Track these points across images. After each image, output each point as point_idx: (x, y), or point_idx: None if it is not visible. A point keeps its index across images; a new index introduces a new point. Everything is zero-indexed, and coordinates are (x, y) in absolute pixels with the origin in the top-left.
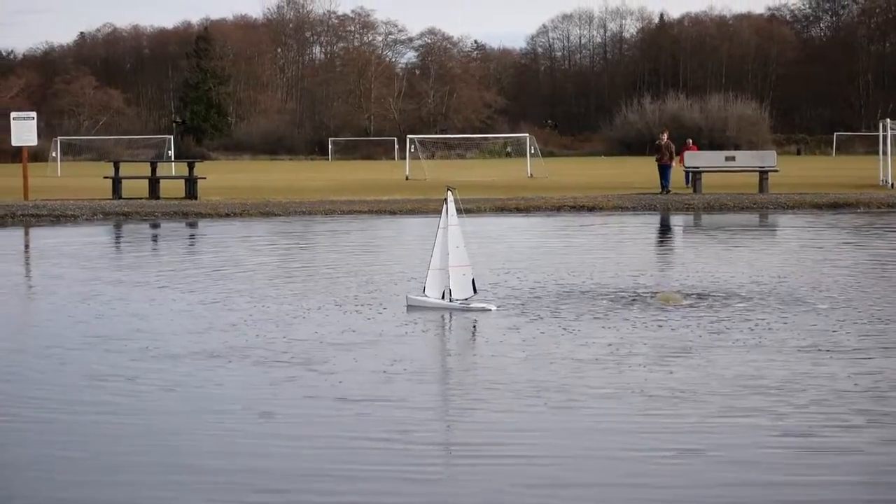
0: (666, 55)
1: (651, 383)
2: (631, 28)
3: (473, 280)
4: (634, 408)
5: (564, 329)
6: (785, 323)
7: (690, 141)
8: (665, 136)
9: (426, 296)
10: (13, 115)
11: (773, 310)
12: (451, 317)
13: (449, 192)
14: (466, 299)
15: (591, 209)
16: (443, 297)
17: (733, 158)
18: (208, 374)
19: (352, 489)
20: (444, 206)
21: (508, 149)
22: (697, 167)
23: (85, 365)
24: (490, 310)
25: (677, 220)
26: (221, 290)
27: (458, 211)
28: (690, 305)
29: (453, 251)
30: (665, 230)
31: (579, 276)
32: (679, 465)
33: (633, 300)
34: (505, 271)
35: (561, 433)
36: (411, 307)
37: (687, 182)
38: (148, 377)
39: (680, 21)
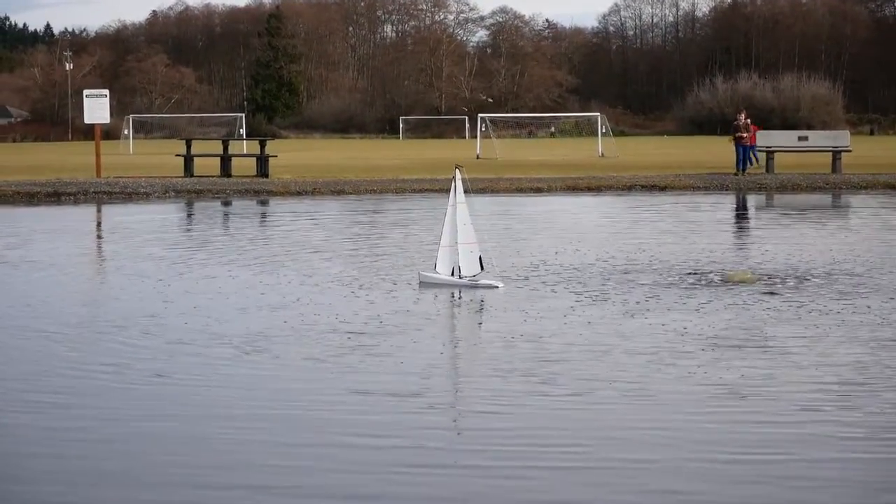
0: (738, 34)
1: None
2: (703, 7)
3: (480, 257)
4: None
5: (645, 309)
6: (869, 308)
7: (749, 121)
8: (743, 116)
9: (437, 272)
10: (86, 92)
11: (844, 293)
12: (459, 294)
13: (457, 171)
14: (475, 276)
15: (663, 189)
16: (452, 274)
17: (806, 138)
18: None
19: None
20: (453, 184)
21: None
22: (770, 147)
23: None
24: (497, 287)
25: (750, 200)
26: (289, 268)
27: (466, 190)
28: (764, 285)
29: (461, 228)
30: (738, 210)
31: (648, 255)
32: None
33: (705, 280)
34: (575, 249)
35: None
36: (423, 284)
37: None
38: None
39: (752, 0)
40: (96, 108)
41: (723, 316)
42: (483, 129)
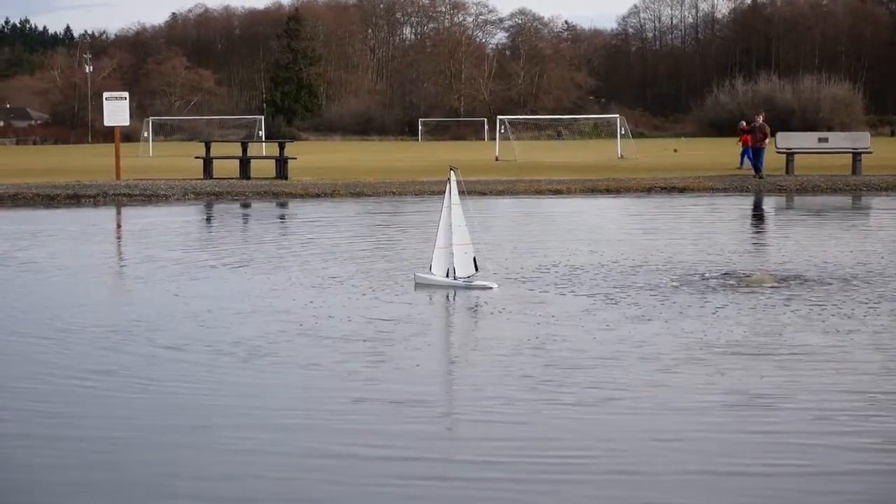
0: (758, 36)
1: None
2: (723, 8)
3: (475, 258)
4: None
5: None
6: (892, 311)
7: (744, 123)
8: (761, 118)
9: (432, 273)
10: (106, 95)
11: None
12: (454, 294)
13: (452, 173)
14: (469, 277)
15: (682, 190)
16: (447, 275)
17: (826, 140)
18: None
19: None
20: (448, 185)
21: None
22: (790, 149)
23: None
24: (491, 288)
25: (769, 202)
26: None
27: (461, 192)
28: (782, 287)
29: (456, 230)
30: (757, 212)
31: (665, 257)
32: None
33: (724, 283)
34: (592, 251)
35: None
36: (419, 285)
37: (742, 164)
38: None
39: (772, 1)
40: (116, 110)
41: (741, 320)
42: (502, 131)
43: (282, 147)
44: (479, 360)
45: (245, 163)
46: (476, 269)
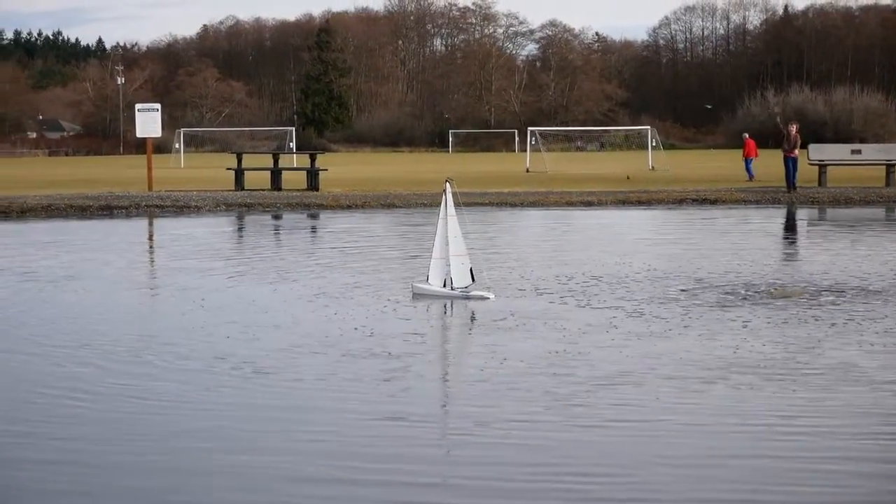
0: (790, 47)
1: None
2: (754, 20)
3: (472, 269)
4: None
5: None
6: None
7: (747, 135)
8: (794, 128)
9: (429, 284)
10: (138, 106)
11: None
12: (452, 304)
13: (447, 184)
14: (466, 287)
15: (714, 202)
16: (444, 286)
17: (859, 152)
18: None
19: None
20: (444, 197)
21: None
22: (823, 160)
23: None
24: (488, 298)
25: (802, 214)
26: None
27: (457, 203)
28: (815, 300)
29: (452, 241)
30: (790, 224)
31: (695, 268)
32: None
33: (755, 295)
34: (623, 263)
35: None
36: (416, 295)
37: (749, 176)
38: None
39: (804, 12)
40: (148, 121)
41: (773, 334)
42: (532, 142)
43: (313, 158)
44: (490, 375)
45: (276, 174)
46: (473, 279)
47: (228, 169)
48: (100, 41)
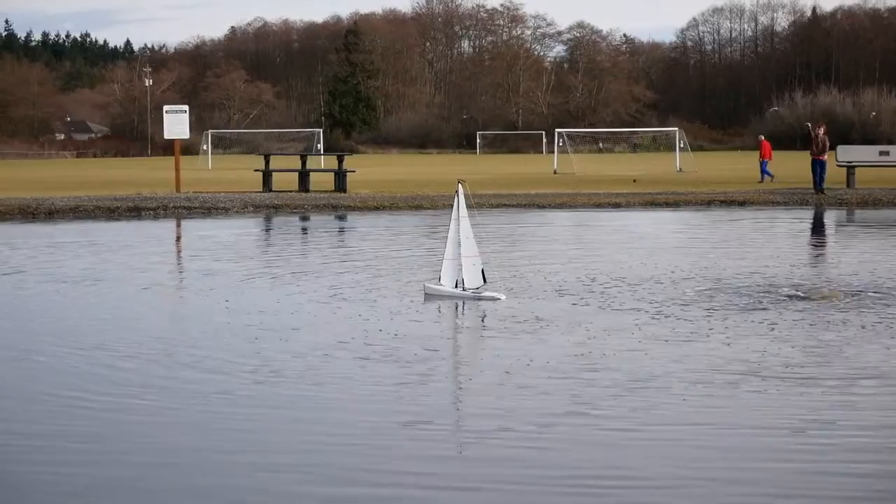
0: (818, 49)
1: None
2: (782, 21)
3: (483, 270)
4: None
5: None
6: None
7: (763, 137)
8: (822, 130)
9: (441, 285)
10: (166, 108)
11: None
12: (467, 305)
13: (459, 185)
14: (478, 288)
15: (742, 204)
16: (456, 286)
17: (887, 153)
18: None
19: None
20: (456, 198)
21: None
22: (851, 162)
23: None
24: (499, 299)
25: (831, 216)
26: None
27: (469, 205)
28: (845, 302)
29: (464, 242)
30: (818, 225)
31: (723, 270)
32: None
33: (784, 298)
34: (648, 265)
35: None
36: (428, 296)
37: (763, 178)
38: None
39: (832, 14)
40: (176, 123)
41: (802, 336)
42: (560, 144)
43: (340, 160)
44: (512, 378)
45: (304, 176)
46: (484, 280)
47: (256, 170)
48: (128, 43)
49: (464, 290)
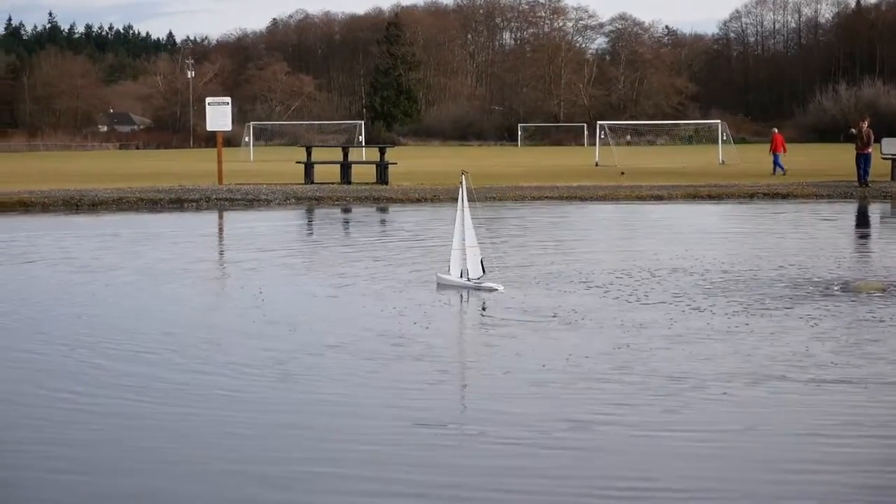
0: (862, 40)
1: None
2: (826, 13)
3: (482, 260)
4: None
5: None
6: None
7: (776, 130)
8: (865, 124)
9: (450, 274)
10: (208, 100)
11: None
12: (472, 296)
13: (463, 177)
14: (479, 278)
15: (785, 196)
16: (461, 276)
17: None
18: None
19: None
20: (460, 189)
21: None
22: (895, 154)
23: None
24: (497, 289)
25: (875, 209)
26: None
27: (471, 197)
28: (889, 296)
29: (466, 233)
30: (862, 218)
31: (766, 263)
32: None
33: (828, 291)
34: (694, 258)
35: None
36: (440, 285)
37: (774, 171)
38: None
39: (877, 5)
40: (218, 115)
41: (844, 331)
42: (602, 136)
43: (382, 152)
44: (551, 375)
45: (346, 168)
46: (483, 271)
47: (298, 162)
48: (170, 35)
49: (468, 280)
